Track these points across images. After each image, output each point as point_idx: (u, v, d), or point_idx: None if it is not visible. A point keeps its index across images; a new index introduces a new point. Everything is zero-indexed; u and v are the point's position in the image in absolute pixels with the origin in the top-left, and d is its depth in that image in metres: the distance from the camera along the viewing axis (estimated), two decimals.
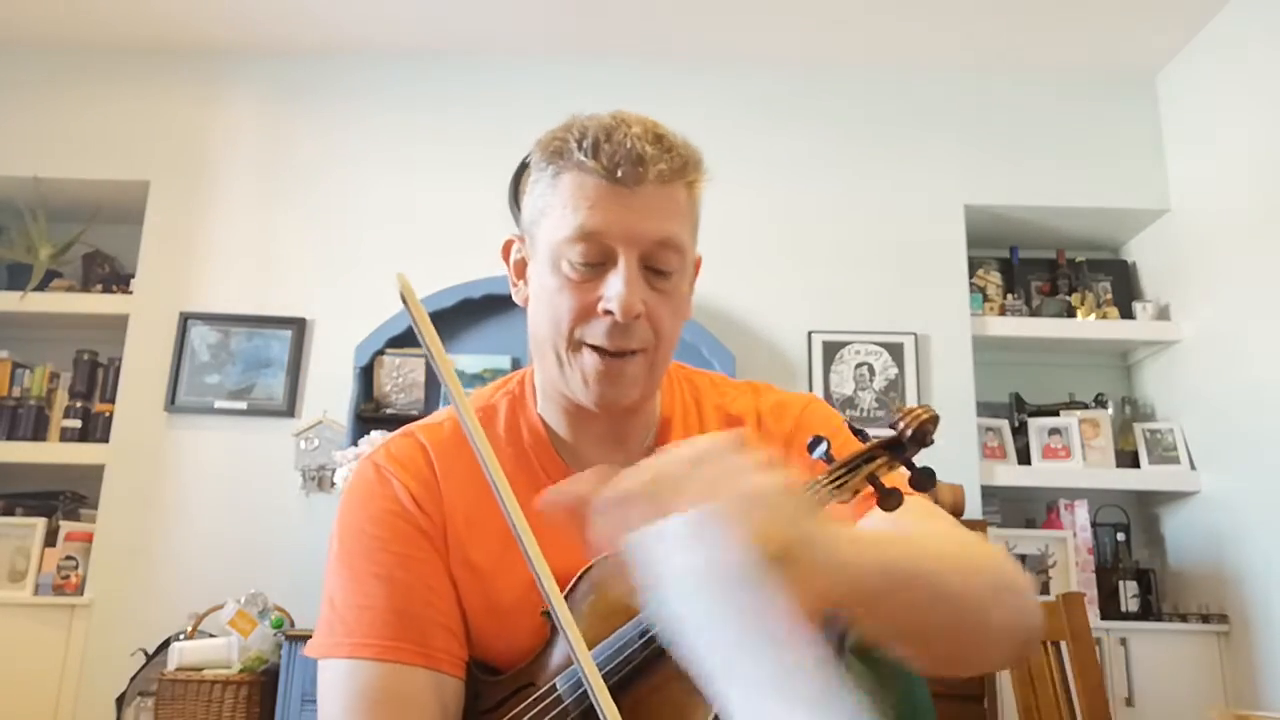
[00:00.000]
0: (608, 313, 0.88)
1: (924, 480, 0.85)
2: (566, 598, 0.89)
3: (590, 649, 0.84)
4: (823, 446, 0.87)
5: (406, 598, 0.89)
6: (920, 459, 0.87)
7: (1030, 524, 3.34)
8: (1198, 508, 3.20)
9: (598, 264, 0.89)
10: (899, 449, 0.87)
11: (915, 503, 0.90)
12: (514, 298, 1.01)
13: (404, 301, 0.69)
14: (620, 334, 0.89)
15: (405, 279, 0.69)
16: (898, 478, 0.87)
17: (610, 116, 0.91)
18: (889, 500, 0.85)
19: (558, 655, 0.88)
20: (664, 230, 0.90)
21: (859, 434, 0.88)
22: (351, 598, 0.90)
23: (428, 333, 0.68)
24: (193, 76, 3.51)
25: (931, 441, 0.86)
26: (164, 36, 3.45)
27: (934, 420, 0.85)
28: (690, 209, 0.94)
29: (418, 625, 0.89)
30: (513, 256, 1.01)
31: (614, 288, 0.88)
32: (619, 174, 0.87)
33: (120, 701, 2.85)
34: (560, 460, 0.98)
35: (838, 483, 0.85)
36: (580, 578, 0.90)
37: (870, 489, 0.85)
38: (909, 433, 0.85)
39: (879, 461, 0.86)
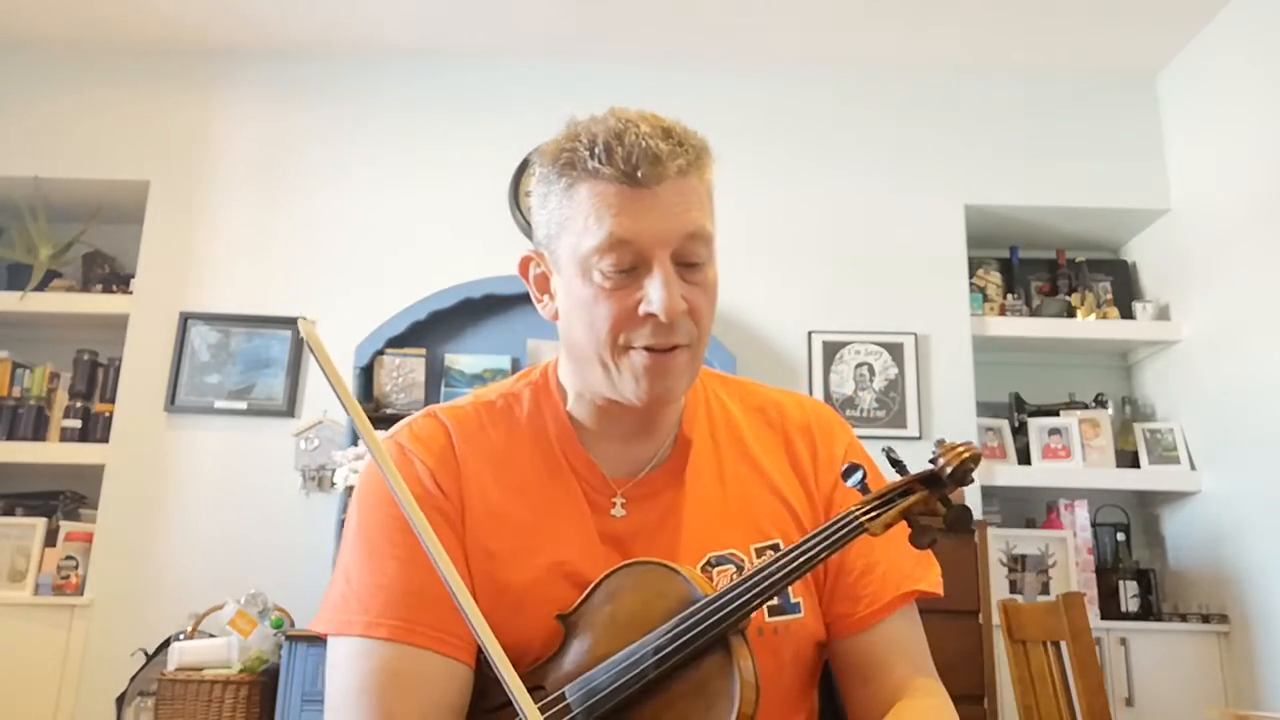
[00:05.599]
0: (650, 315, 0.89)
1: (960, 520, 0.84)
2: (583, 604, 0.90)
3: (602, 661, 0.84)
4: (858, 475, 0.87)
5: (423, 580, 0.88)
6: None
7: (1030, 524, 3.34)
8: (1198, 508, 3.20)
9: (630, 269, 0.89)
10: (937, 485, 0.86)
11: (924, 689, 0.96)
12: (541, 313, 1.00)
13: (310, 349, 0.75)
14: (666, 333, 0.90)
15: (309, 326, 0.74)
16: (934, 516, 0.86)
17: (614, 118, 0.90)
18: (922, 538, 0.84)
19: (570, 662, 0.87)
20: (692, 224, 0.89)
21: (896, 465, 0.88)
22: (367, 575, 0.90)
23: (335, 378, 0.74)
24: (193, 76, 3.51)
25: (971, 480, 0.85)
26: (164, 36, 3.45)
27: (976, 459, 0.84)
28: (708, 194, 0.94)
29: (433, 608, 0.88)
30: (531, 273, 1.00)
31: (654, 292, 0.88)
32: (639, 175, 0.87)
33: (120, 701, 2.85)
34: (584, 451, 0.99)
35: (872, 515, 0.84)
36: (597, 585, 0.90)
37: (904, 524, 0.85)
38: (949, 470, 0.84)
39: (915, 496, 0.85)
